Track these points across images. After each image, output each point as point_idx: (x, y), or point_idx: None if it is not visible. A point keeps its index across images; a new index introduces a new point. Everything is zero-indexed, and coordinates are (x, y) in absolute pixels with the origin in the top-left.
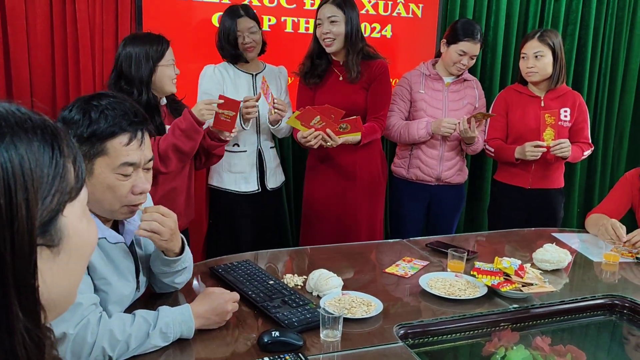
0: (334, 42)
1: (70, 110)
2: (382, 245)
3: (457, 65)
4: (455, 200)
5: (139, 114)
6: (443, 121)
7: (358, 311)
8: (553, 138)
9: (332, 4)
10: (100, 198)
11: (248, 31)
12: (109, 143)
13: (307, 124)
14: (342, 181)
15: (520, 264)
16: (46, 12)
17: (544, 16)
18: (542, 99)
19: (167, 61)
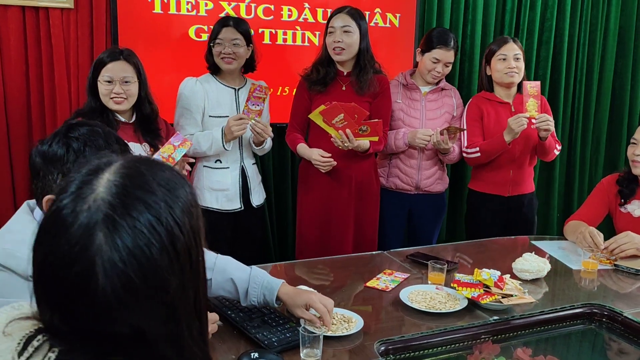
0: (343, 51)
1: (50, 145)
2: (363, 257)
3: (432, 73)
4: (435, 210)
5: (120, 141)
6: (418, 132)
7: (339, 328)
8: (537, 109)
9: (346, 14)
10: None
11: (230, 42)
12: None
13: (329, 121)
14: (337, 192)
15: (499, 275)
16: (20, 26)
17: (520, 24)
18: (511, 104)
19: (102, 77)
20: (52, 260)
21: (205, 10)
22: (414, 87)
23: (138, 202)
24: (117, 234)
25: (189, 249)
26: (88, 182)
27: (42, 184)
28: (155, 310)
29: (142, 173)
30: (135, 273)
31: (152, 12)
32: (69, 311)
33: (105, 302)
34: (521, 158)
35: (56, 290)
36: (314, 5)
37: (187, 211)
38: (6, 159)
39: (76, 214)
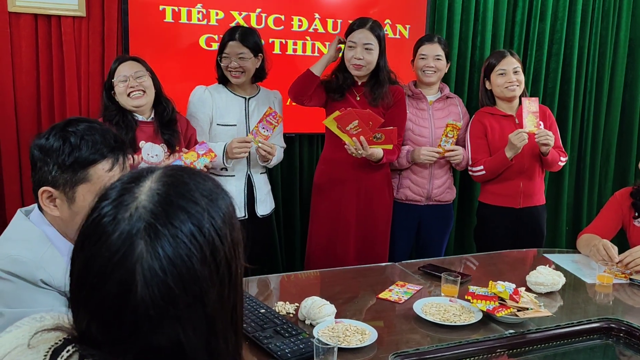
0: (362, 68)
1: (47, 139)
2: (374, 269)
3: (425, 70)
4: (444, 220)
5: (117, 139)
6: (422, 150)
7: (352, 340)
8: (535, 124)
9: (368, 30)
10: None
11: (236, 56)
12: (92, 170)
13: (343, 127)
14: (348, 203)
15: (515, 288)
16: (32, 34)
17: (529, 36)
18: (514, 116)
19: (116, 79)
20: (92, 268)
21: (216, 19)
22: (420, 96)
23: (180, 211)
24: (158, 242)
25: (228, 261)
26: (130, 190)
27: (38, 175)
28: (194, 322)
29: (185, 182)
30: (175, 283)
31: (163, 21)
32: (108, 320)
33: (144, 312)
34: (531, 169)
35: (95, 298)
36: (324, 15)
37: (228, 222)
38: (16, 165)
39: (117, 221)
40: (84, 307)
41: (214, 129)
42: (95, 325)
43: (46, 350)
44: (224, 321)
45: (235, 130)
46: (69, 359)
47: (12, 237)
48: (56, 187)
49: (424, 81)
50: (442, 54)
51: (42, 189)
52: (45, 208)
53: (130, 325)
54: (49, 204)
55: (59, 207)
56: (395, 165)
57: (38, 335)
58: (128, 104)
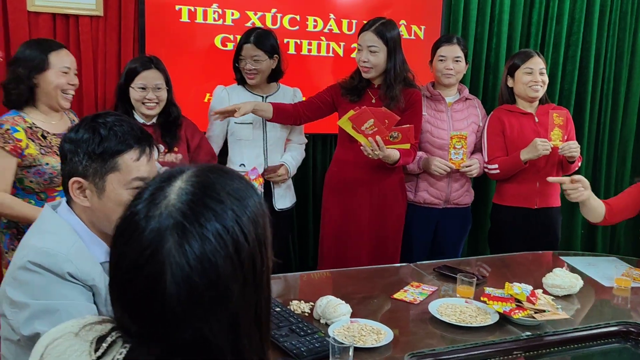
0: (370, 70)
1: (77, 131)
2: (388, 269)
3: (444, 72)
4: (462, 223)
5: (144, 131)
6: (435, 160)
7: (368, 340)
8: (561, 139)
9: (372, 32)
10: (112, 215)
11: (251, 58)
12: (120, 159)
13: (358, 127)
14: (357, 199)
15: (531, 290)
16: (50, 33)
17: (546, 38)
18: (534, 114)
19: (135, 84)
20: (124, 262)
21: (232, 19)
22: (439, 97)
23: (207, 210)
24: (186, 240)
25: (253, 259)
26: (161, 189)
27: (69, 167)
28: (218, 317)
29: (213, 182)
30: (200, 279)
31: (179, 21)
32: (138, 312)
33: (171, 306)
34: (547, 169)
35: (127, 291)
36: (339, 16)
37: (254, 220)
38: None
39: (148, 219)
40: (118, 299)
41: (231, 127)
42: (127, 317)
43: (92, 338)
44: (248, 318)
45: (251, 128)
46: (112, 344)
47: (41, 230)
48: (86, 177)
49: (443, 83)
50: (461, 55)
51: (72, 179)
52: (76, 199)
53: (158, 319)
54: (79, 194)
55: (88, 197)
56: (406, 170)
57: (87, 327)
58: (140, 110)
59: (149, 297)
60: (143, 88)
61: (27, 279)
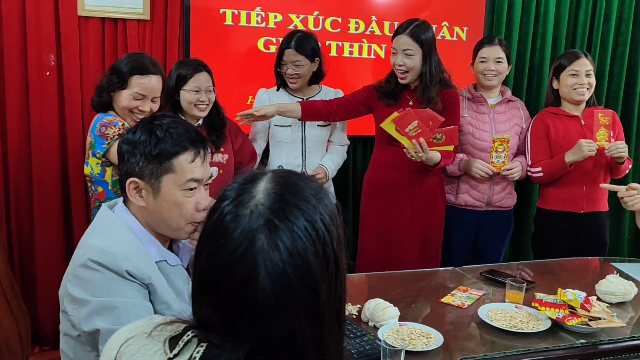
0: (407, 74)
1: (134, 133)
2: (433, 273)
3: (485, 73)
4: (503, 226)
5: (199, 133)
6: (476, 162)
7: (418, 343)
8: (607, 139)
9: (407, 35)
10: (167, 216)
11: (292, 64)
12: (175, 160)
13: (402, 129)
14: (398, 202)
15: (585, 297)
16: (98, 37)
17: (592, 38)
18: (580, 117)
19: (189, 86)
20: (217, 261)
21: (275, 22)
22: (480, 99)
23: (294, 208)
24: (277, 236)
25: (336, 256)
26: (246, 190)
27: (126, 167)
28: (306, 313)
29: (295, 182)
30: (292, 273)
31: (223, 24)
32: (230, 309)
33: (264, 300)
34: (594, 172)
35: (220, 289)
36: (381, 18)
37: (334, 219)
38: (81, 163)
39: (238, 218)
40: (207, 298)
41: (272, 129)
42: (218, 315)
43: (165, 338)
44: (331, 314)
45: (290, 131)
46: (188, 343)
47: (99, 229)
48: (142, 178)
49: (484, 85)
50: (503, 56)
51: (129, 179)
52: (132, 199)
53: (250, 314)
54: (136, 194)
55: (144, 197)
56: (447, 172)
57: (159, 328)
58: (191, 112)
59: (243, 293)
60: (196, 91)
61: (88, 276)
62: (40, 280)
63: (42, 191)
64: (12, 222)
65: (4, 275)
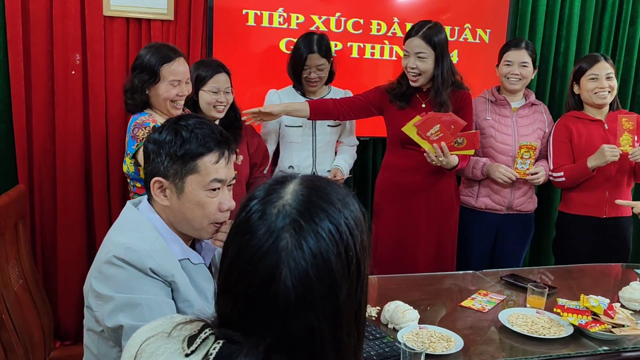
0: (419, 77)
1: (160, 133)
2: (453, 276)
3: (509, 77)
4: (524, 230)
5: (224, 134)
6: (500, 167)
7: (438, 347)
8: (631, 144)
9: (420, 38)
10: (190, 216)
11: (316, 68)
12: (200, 161)
13: (423, 133)
14: (414, 206)
15: (609, 303)
16: (123, 37)
17: (618, 41)
18: (604, 121)
19: (208, 87)
20: (243, 256)
21: (297, 23)
22: (504, 102)
23: (320, 211)
24: (302, 236)
25: (358, 259)
26: (275, 191)
27: (151, 167)
28: (325, 312)
29: (323, 186)
30: (314, 272)
31: (246, 25)
32: (252, 304)
33: (285, 298)
34: (617, 177)
35: (244, 283)
36: (403, 19)
37: (358, 225)
38: (104, 161)
39: (266, 216)
40: (231, 293)
41: (282, 129)
42: (238, 310)
43: (184, 337)
44: (350, 318)
45: (301, 131)
46: (205, 340)
47: (124, 227)
48: (167, 177)
49: (507, 88)
50: (528, 60)
51: (154, 179)
52: (156, 198)
53: (270, 310)
54: (160, 193)
55: (168, 197)
56: (468, 175)
57: (179, 327)
58: (209, 113)
59: (266, 289)
60: (215, 92)
61: (112, 273)
62: (62, 277)
63: (65, 189)
64: (36, 220)
65: (29, 270)
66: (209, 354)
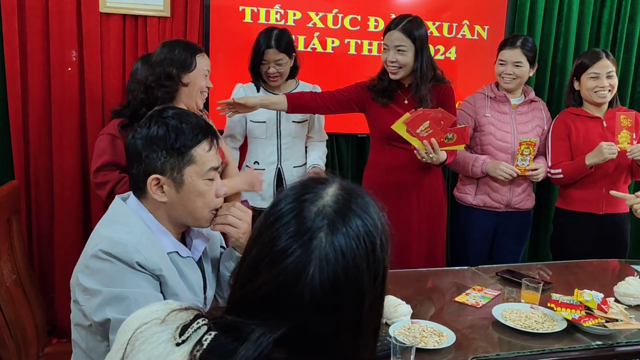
0: (399, 70)
1: (149, 127)
2: (448, 272)
3: (503, 76)
4: (522, 228)
5: (206, 121)
6: (500, 165)
7: (429, 341)
8: (629, 141)
9: (399, 31)
10: (192, 207)
11: (274, 63)
12: (195, 151)
13: (413, 130)
14: (403, 204)
15: (603, 298)
16: (119, 34)
17: (617, 37)
18: (602, 119)
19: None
20: (273, 248)
21: (294, 20)
22: (503, 99)
23: (358, 218)
24: (336, 236)
25: (384, 267)
26: (313, 191)
27: (144, 165)
28: (350, 319)
29: (360, 193)
30: (343, 274)
31: (242, 22)
32: (273, 297)
33: (312, 294)
34: (615, 174)
35: (269, 275)
36: None
37: (385, 234)
38: None
39: (304, 214)
40: (252, 282)
41: (249, 124)
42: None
43: (178, 325)
44: (369, 327)
45: (265, 127)
46: (197, 330)
47: (112, 220)
48: (164, 173)
49: (502, 88)
50: (523, 60)
51: (151, 177)
52: (154, 195)
53: (294, 304)
54: (157, 190)
55: (166, 192)
56: (467, 172)
57: (173, 313)
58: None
59: (292, 283)
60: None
61: (99, 267)
62: (59, 274)
63: (61, 185)
64: (32, 216)
65: (22, 265)
66: (201, 344)
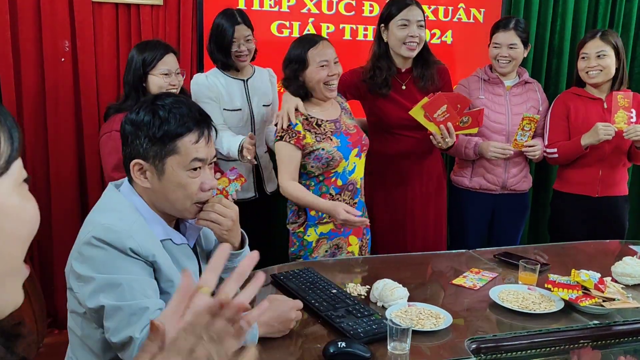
0: (417, 47)
1: (137, 113)
2: (446, 255)
3: (499, 60)
4: (519, 210)
5: (202, 112)
6: (491, 145)
7: (426, 323)
8: (626, 122)
9: (416, 7)
10: (172, 197)
11: (244, 39)
12: (180, 142)
13: (431, 115)
14: (405, 191)
15: (600, 277)
16: (112, 23)
17: (614, 18)
18: (604, 100)
19: (159, 70)
20: None
21: (288, 6)
22: (497, 81)
23: None
24: None
25: None
26: None
27: (129, 149)
28: None
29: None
30: None
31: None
32: None
33: None
34: (612, 157)
35: None
36: None
37: None
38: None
39: None
40: None
41: (223, 113)
42: None
43: None
44: None
45: (241, 115)
46: None
47: (104, 207)
48: (147, 159)
49: (498, 71)
50: (517, 41)
51: (133, 161)
52: (137, 180)
53: None
54: (140, 175)
55: (149, 179)
56: (460, 154)
57: None
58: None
59: None
60: (167, 74)
61: (92, 254)
62: (58, 265)
63: (59, 176)
64: None
65: None
66: None
